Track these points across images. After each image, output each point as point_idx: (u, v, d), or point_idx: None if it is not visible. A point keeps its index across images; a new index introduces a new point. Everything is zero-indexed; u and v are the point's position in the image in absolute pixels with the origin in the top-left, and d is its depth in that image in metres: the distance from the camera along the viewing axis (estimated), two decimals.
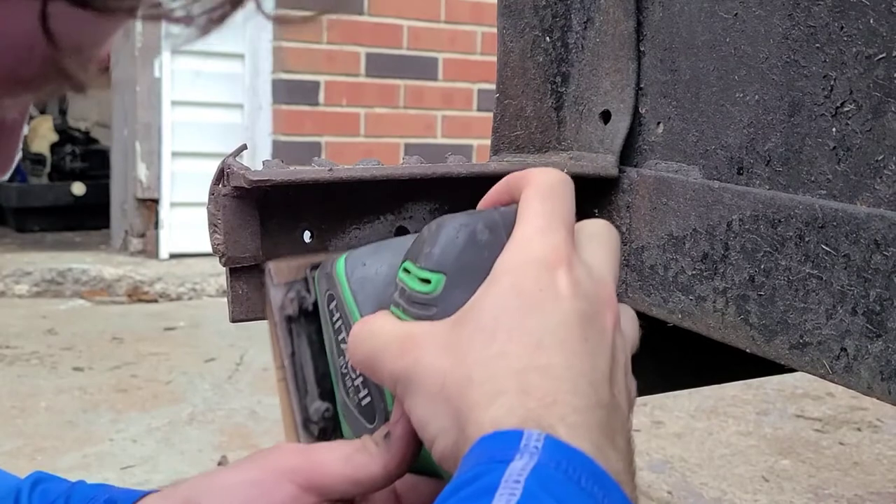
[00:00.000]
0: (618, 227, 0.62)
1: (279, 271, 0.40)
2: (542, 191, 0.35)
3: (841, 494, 1.39)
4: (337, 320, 0.37)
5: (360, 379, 0.38)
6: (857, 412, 1.73)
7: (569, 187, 0.36)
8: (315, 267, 0.40)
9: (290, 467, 0.36)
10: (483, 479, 0.28)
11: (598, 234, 0.37)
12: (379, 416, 0.37)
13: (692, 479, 1.44)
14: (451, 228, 0.34)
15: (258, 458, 0.38)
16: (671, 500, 1.36)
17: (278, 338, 0.39)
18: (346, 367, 0.38)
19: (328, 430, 0.39)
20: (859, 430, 1.65)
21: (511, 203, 0.35)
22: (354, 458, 0.35)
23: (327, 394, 0.41)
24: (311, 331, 0.39)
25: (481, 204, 0.37)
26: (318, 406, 0.39)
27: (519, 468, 0.28)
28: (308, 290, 0.39)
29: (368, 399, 0.37)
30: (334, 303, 0.38)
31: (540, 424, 0.29)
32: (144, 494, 0.38)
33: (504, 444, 0.29)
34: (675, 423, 1.70)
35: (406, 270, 0.34)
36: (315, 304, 0.39)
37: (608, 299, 0.34)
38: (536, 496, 0.27)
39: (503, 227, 0.34)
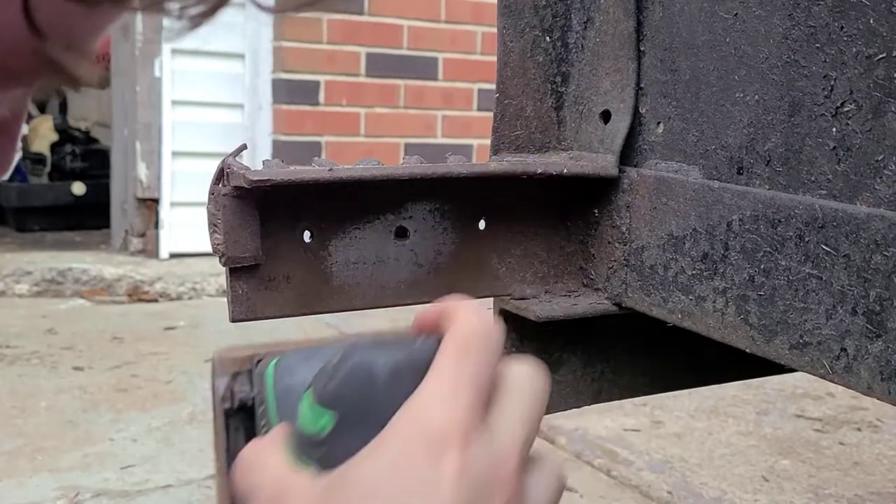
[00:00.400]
0: (617, 227, 0.62)
1: (223, 362, 0.37)
2: (458, 344, 0.30)
3: (841, 494, 1.39)
4: (263, 426, 0.35)
5: None
6: (857, 412, 1.73)
7: (490, 341, 0.31)
8: (260, 360, 0.37)
9: None
10: None
11: (519, 386, 0.31)
12: None
13: (692, 479, 1.44)
14: (353, 362, 0.30)
15: None
16: (671, 499, 1.36)
17: (216, 429, 0.36)
18: None
19: None
20: (859, 430, 1.65)
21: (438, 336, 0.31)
22: None
23: None
24: (249, 426, 0.36)
25: (414, 323, 0.33)
26: None
27: None
28: (251, 384, 0.36)
29: None
30: (262, 407, 0.35)
31: None
32: None
33: None
34: (675, 422, 1.71)
35: (308, 398, 0.31)
36: (254, 400, 0.36)
37: (504, 481, 0.29)
38: None
39: (413, 371, 0.30)
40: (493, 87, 0.64)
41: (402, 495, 0.28)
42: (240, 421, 0.36)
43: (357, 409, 0.30)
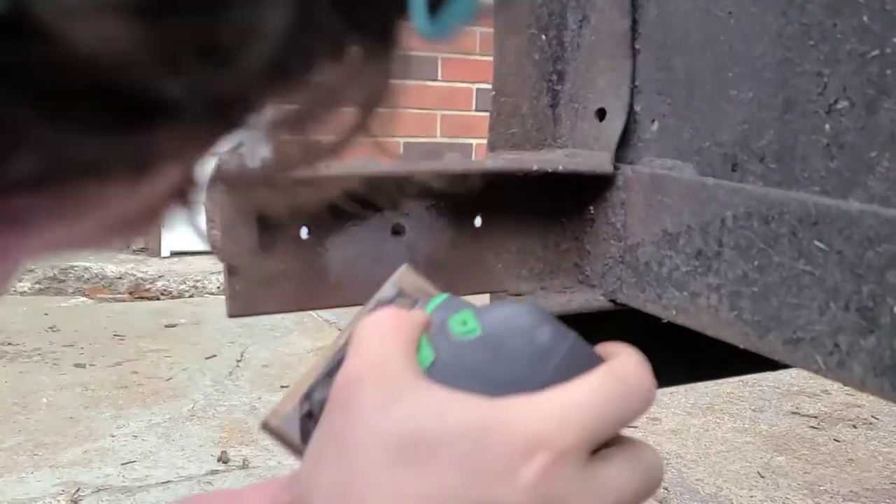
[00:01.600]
0: (613, 224, 0.63)
1: (404, 277, 0.38)
2: (618, 374, 0.29)
3: (836, 491, 1.39)
4: None
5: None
6: (852, 409, 1.73)
7: (644, 396, 0.30)
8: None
9: None
10: None
11: (640, 455, 0.30)
12: None
13: (688, 476, 1.44)
14: (527, 310, 0.31)
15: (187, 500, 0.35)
16: (667, 496, 1.37)
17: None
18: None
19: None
20: (854, 427, 1.66)
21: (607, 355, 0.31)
22: (280, 498, 0.32)
23: None
24: None
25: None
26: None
27: None
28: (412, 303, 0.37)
29: None
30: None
31: None
32: None
33: None
34: (672, 419, 1.71)
35: (470, 311, 0.32)
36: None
37: None
38: None
39: (564, 357, 0.30)
40: (491, 87, 0.65)
41: (471, 467, 0.27)
42: None
43: (501, 345, 0.30)
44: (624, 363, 0.30)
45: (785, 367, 0.59)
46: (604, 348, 0.32)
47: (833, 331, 0.48)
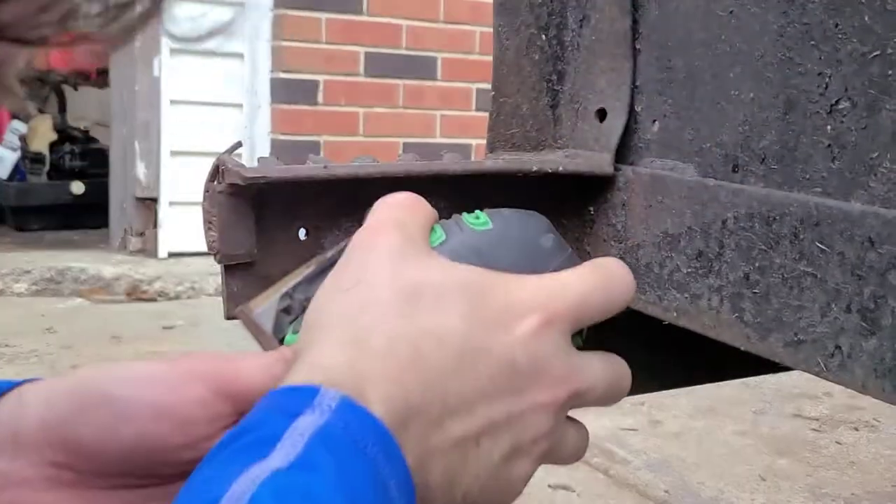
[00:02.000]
0: (613, 225, 0.62)
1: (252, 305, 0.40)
2: (604, 273, 0.36)
3: (838, 494, 1.39)
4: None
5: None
6: (854, 412, 1.73)
7: (625, 296, 0.38)
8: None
9: (205, 370, 0.33)
10: (266, 429, 0.28)
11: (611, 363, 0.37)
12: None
13: (690, 479, 1.44)
14: (530, 214, 0.36)
15: (171, 358, 0.35)
16: (668, 499, 1.36)
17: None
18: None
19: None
20: (856, 429, 1.66)
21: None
22: (274, 368, 0.33)
23: None
24: None
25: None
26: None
27: (305, 424, 0.27)
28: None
29: None
30: None
31: (359, 393, 0.28)
32: (29, 381, 0.35)
33: (297, 397, 0.28)
34: (673, 422, 1.71)
35: (479, 213, 0.36)
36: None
37: (555, 382, 0.33)
38: (316, 454, 0.26)
39: (566, 254, 0.35)
40: (490, 87, 0.65)
41: (477, 324, 0.31)
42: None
43: (508, 241, 0.34)
44: (608, 262, 0.36)
45: (786, 369, 0.59)
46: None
47: (834, 332, 0.48)
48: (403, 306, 0.30)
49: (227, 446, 0.28)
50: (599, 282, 0.34)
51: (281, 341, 0.37)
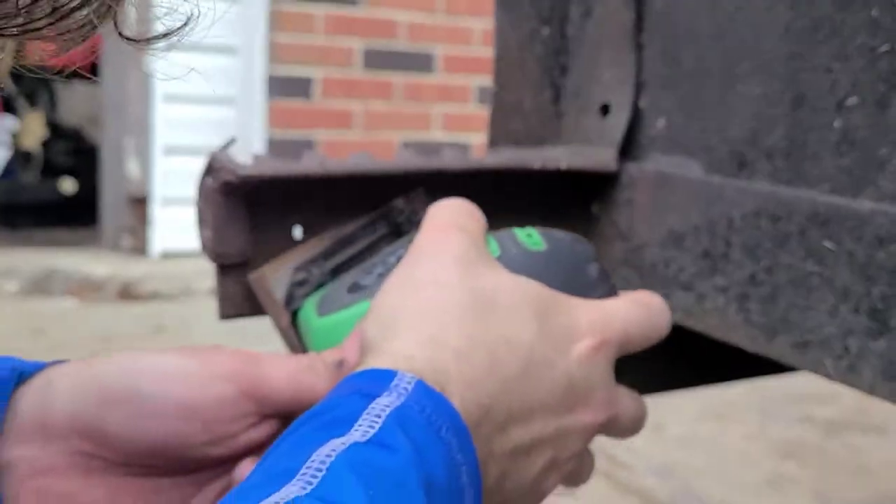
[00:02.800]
0: (617, 224, 0.61)
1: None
2: (648, 303, 0.39)
3: (848, 499, 1.38)
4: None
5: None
6: (863, 415, 1.72)
7: (661, 329, 0.41)
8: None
9: (234, 370, 0.34)
10: (344, 409, 0.28)
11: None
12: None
13: (695, 484, 1.43)
14: (581, 240, 0.39)
15: (199, 352, 0.36)
16: None
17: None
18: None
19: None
20: (865, 433, 1.64)
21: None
22: (301, 376, 0.34)
23: None
24: None
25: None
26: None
27: (383, 405, 0.28)
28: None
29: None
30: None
31: (438, 382, 0.30)
32: (56, 363, 0.36)
33: (375, 380, 0.30)
34: (678, 426, 1.69)
35: (531, 229, 0.39)
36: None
37: (601, 405, 0.36)
38: (393, 433, 0.27)
39: (606, 283, 0.37)
40: (491, 81, 0.63)
41: (538, 341, 0.32)
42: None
43: (559, 265, 0.36)
44: (649, 296, 0.39)
45: (792, 370, 0.58)
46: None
47: (843, 333, 0.47)
48: (480, 311, 0.32)
49: (305, 423, 0.29)
50: (643, 313, 0.36)
51: (294, 314, 0.39)
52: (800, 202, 0.48)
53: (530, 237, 0.37)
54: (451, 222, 0.36)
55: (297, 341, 0.39)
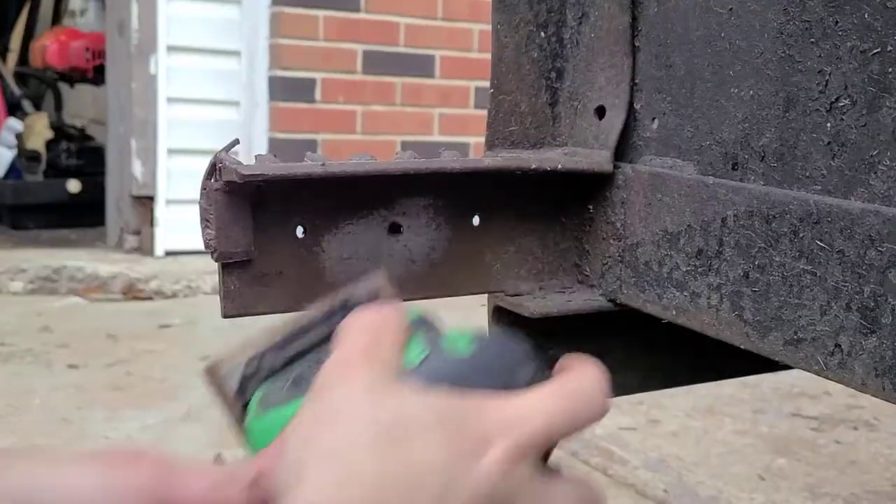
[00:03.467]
0: (612, 224, 0.62)
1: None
2: (568, 390, 0.35)
3: (837, 493, 1.39)
4: None
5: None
6: (853, 411, 1.73)
7: (593, 411, 0.35)
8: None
9: (148, 485, 0.33)
10: None
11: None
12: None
13: (688, 478, 1.44)
14: (516, 347, 0.36)
15: (112, 461, 0.34)
16: (667, 498, 1.36)
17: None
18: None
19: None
20: (856, 428, 1.66)
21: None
22: (222, 489, 0.33)
23: None
24: None
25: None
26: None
27: None
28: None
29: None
30: None
31: None
32: None
33: None
34: (672, 421, 1.71)
35: (461, 331, 0.36)
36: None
37: None
38: None
39: (531, 370, 0.35)
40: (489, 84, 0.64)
41: (444, 454, 0.31)
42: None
43: (485, 371, 0.34)
44: (575, 379, 0.35)
45: (785, 367, 0.59)
46: (566, 362, 0.36)
47: (834, 331, 0.47)
48: (387, 443, 0.31)
49: None
50: (567, 405, 0.34)
51: (245, 406, 0.37)
52: (792, 202, 0.49)
53: (460, 340, 0.35)
54: (357, 351, 0.34)
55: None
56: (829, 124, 0.49)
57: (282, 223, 0.58)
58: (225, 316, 0.57)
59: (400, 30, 3.17)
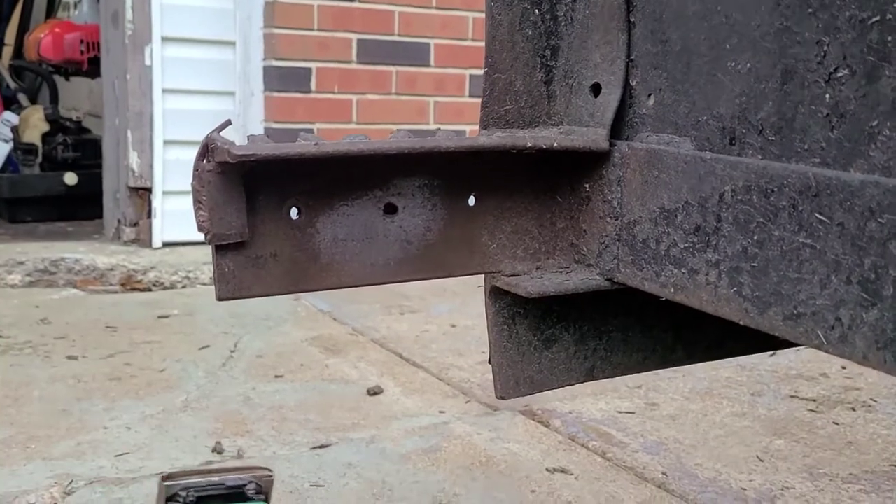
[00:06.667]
0: (609, 202, 0.61)
1: None
2: None
3: (835, 474, 1.39)
4: None
5: None
6: (851, 392, 1.74)
7: None
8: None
9: None
10: None
11: None
12: None
13: (687, 461, 1.44)
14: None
15: None
16: (666, 481, 1.36)
17: None
18: None
19: None
20: (853, 409, 1.66)
21: None
22: None
23: None
24: None
25: None
26: None
27: None
28: None
29: None
30: None
31: None
32: None
33: None
34: (670, 404, 1.71)
35: None
36: None
37: None
38: None
39: None
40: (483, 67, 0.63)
41: None
42: None
43: None
44: None
45: (784, 345, 0.58)
46: None
47: (834, 305, 0.47)
48: None
49: None
50: None
51: None
52: (791, 176, 0.49)
53: None
54: None
55: None
56: (827, 95, 0.48)
57: (275, 204, 0.57)
58: (219, 299, 0.57)
59: (395, 18, 3.15)
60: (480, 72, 0.65)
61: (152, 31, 2.94)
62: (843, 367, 1.88)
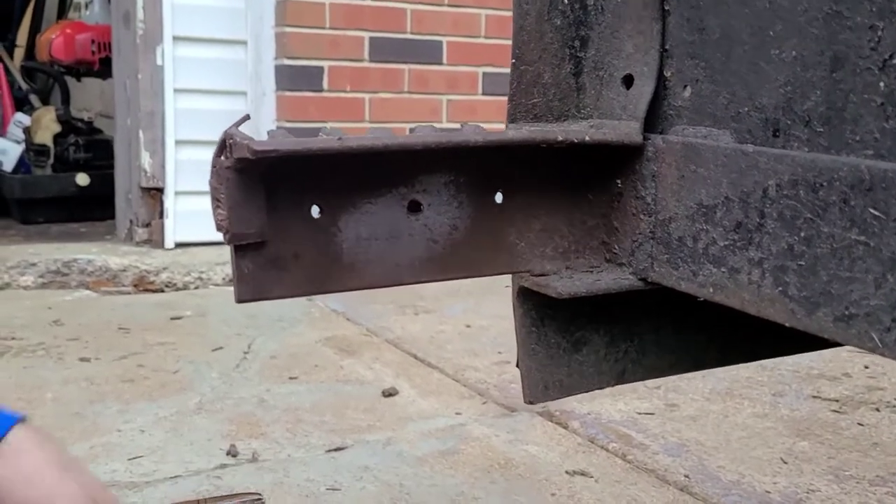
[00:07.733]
0: (643, 198, 0.59)
1: None
2: None
3: (862, 475, 1.36)
4: None
5: None
6: (874, 392, 1.70)
7: None
8: None
9: None
10: None
11: None
12: None
13: (709, 463, 1.41)
14: None
15: None
16: (688, 483, 1.33)
17: None
18: None
19: None
20: (878, 410, 1.62)
21: None
22: None
23: None
24: None
25: None
26: None
27: None
28: None
29: None
30: None
31: None
32: None
33: None
34: (690, 405, 1.68)
35: None
36: None
37: None
38: None
39: None
40: (497, 70, 0.61)
41: None
42: None
43: None
44: None
45: (829, 345, 0.55)
46: None
47: (890, 305, 0.44)
48: None
49: None
50: None
51: None
52: (841, 169, 0.46)
53: None
54: None
55: None
56: (881, 83, 0.46)
57: (296, 203, 0.55)
58: (239, 301, 0.55)
59: (407, 16, 3.13)
60: (493, 70, 0.62)
61: (163, 31, 2.93)
62: (866, 367, 1.84)
